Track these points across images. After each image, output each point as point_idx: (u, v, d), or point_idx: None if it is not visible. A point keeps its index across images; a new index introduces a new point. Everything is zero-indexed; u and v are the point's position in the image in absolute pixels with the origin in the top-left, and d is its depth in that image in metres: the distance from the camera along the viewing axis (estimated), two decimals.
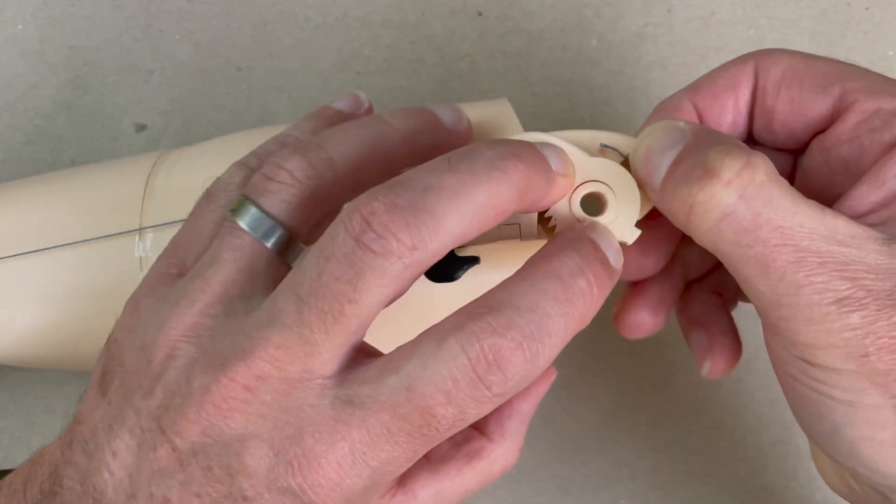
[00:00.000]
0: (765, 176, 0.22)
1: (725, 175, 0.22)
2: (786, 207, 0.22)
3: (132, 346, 0.23)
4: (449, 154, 0.22)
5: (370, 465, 0.21)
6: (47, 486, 0.23)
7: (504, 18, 0.44)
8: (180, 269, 0.25)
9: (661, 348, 0.39)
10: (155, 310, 0.23)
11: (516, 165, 0.22)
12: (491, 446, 0.26)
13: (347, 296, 0.21)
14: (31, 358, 0.33)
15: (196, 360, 0.22)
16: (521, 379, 0.21)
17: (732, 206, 0.22)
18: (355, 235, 0.21)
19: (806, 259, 0.22)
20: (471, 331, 0.20)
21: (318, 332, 0.21)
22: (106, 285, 0.31)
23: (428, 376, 0.20)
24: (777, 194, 0.22)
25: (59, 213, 0.33)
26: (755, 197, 0.22)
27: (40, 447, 0.25)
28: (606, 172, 0.25)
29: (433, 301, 0.30)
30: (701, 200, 0.22)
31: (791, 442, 0.38)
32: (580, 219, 0.25)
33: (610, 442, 0.39)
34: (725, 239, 0.22)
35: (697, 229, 0.23)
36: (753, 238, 0.22)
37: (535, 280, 0.21)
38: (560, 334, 0.21)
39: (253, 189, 0.24)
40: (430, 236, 0.21)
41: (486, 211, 0.22)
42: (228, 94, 0.43)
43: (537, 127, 0.42)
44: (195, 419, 0.21)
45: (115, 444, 0.22)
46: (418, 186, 0.21)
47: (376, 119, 0.26)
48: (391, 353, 0.22)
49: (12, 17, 0.45)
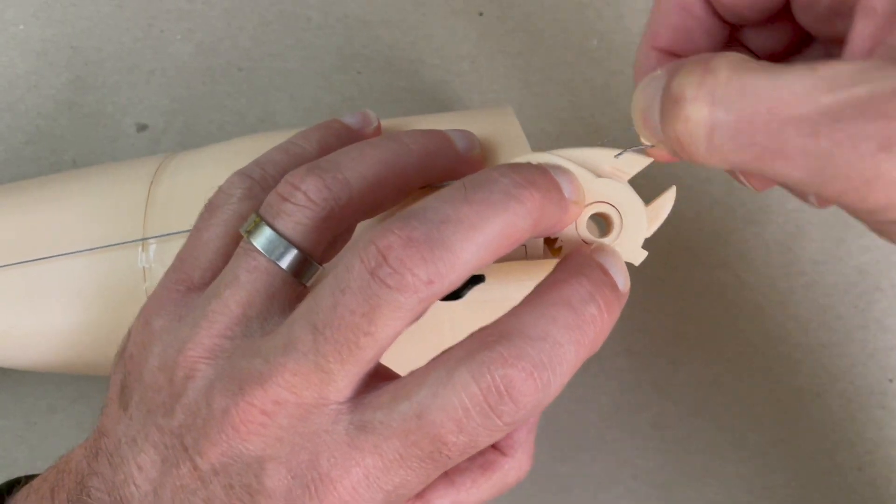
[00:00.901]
0: (728, 71, 0.20)
1: (688, 93, 0.20)
2: (764, 86, 0.19)
3: (150, 363, 0.24)
4: (464, 181, 0.22)
5: (384, 488, 0.21)
6: (75, 496, 0.24)
7: (504, 18, 0.44)
8: (188, 284, 0.25)
9: (661, 348, 0.39)
10: (171, 329, 0.24)
11: (532, 195, 0.22)
12: (504, 459, 0.26)
13: (363, 329, 0.21)
14: (34, 363, 0.33)
15: (214, 382, 0.22)
16: (532, 408, 0.21)
17: (710, 117, 0.20)
18: (371, 269, 0.20)
19: (818, 123, 0.19)
20: (481, 360, 0.20)
21: (333, 363, 0.21)
22: (109, 295, 0.31)
23: (438, 404, 0.20)
24: (750, 81, 0.19)
25: (62, 221, 0.33)
26: (726, 95, 0.19)
27: (41, 447, 0.26)
28: (613, 193, 0.24)
29: (438, 318, 0.30)
30: (681, 128, 0.20)
31: (792, 442, 0.38)
32: (587, 240, 0.25)
33: (610, 442, 0.39)
34: (728, 150, 0.20)
35: (700, 158, 0.21)
36: (752, 135, 0.20)
37: (545, 308, 0.21)
38: (571, 362, 0.21)
39: (268, 210, 0.24)
40: (445, 270, 0.21)
41: (501, 240, 0.21)
42: (229, 94, 0.43)
43: (539, 128, 0.42)
44: (216, 440, 0.22)
45: (139, 458, 0.23)
46: (434, 219, 0.21)
47: (392, 139, 0.26)
48: (403, 378, 0.22)
49: (13, 17, 0.45)
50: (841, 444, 0.39)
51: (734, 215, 0.41)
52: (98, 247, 0.31)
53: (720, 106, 0.20)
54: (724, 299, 0.40)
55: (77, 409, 0.39)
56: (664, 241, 0.40)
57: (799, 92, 0.19)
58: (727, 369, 0.39)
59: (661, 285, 0.40)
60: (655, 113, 0.22)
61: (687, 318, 0.40)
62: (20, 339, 0.32)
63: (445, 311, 0.30)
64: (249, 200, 0.25)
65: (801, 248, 0.40)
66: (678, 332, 0.40)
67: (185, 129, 0.43)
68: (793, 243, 0.40)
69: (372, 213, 0.26)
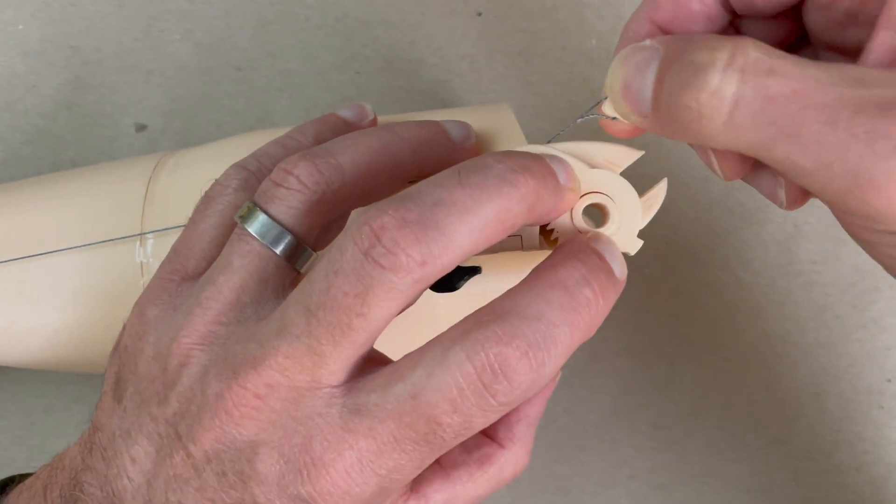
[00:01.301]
0: (757, 52, 0.20)
1: (719, 65, 0.20)
2: (792, 71, 0.20)
3: (144, 353, 0.24)
4: (459, 166, 0.22)
5: (378, 472, 0.21)
6: (67, 492, 0.24)
7: (504, 18, 0.44)
8: (182, 274, 0.25)
9: (661, 348, 0.39)
10: (166, 318, 0.24)
11: (527, 180, 0.22)
12: (501, 452, 0.26)
13: (356, 310, 0.21)
14: (33, 360, 0.33)
15: (209, 368, 0.22)
16: (526, 388, 0.21)
17: (738, 91, 0.20)
18: (364, 250, 0.20)
19: (839, 113, 0.19)
20: (476, 339, 0.20)
21: (326, 344, 0.21)
22: (107, 290, 0.31)
23: (433, 385, 0.20)
24: (778, 63, 0.20)
25: (60, 218, 0.33)
26: (756, 72, 0.20)
27: (40, 447, 0.26)
28: (608, 184, 0.25)
29: (435, 310, 0.30)
30: (705, 99, 0.20)
31: (791, 442, 0.38)
32: (583, 230, 0.25)
33: (610, 442, 0.39)
34: (746, 128, 0.20)
35: (713, 131, 0.21)
36: (772, 114, 0.20)
37: (540, 289, 0.21)
38: (565, 343, 0.21)
39: (262, 195, 0.24)
40: (439, 252, 0.21)
41: (496, 225, 0.21)
42: (228, 93, 0.43)
43: (537, 128, 0.42)
44: (209, 426, 0.22)
45: (133, 450, 0.23)
46: (428, 201, 0.21)
47: (385, 128, 0.26)
48: (398, 361, 0.22)
49: (12, 16, 0.45)
50: (839, 444, 0.39)
51: (733, 215, 0.41)
52: (95, 242, 0.31)
53: (748, 81, 0.20)
54: (724, 299, 0.40)
55: (76, 409, 0.39)
56: (663, 241, 0.40)
57: (825, 81, 0.19)
58: (726, 369, 0.39)
59: (660, 285, 0.40)
60: (644, 81, 0.22)
61: (686, 318, 0.40)
62: (19, 336, 0.32)
63: (442, 302, 0.30)
64: (245, 191, 0.25)
65: (799, 248, 0.41)
66: (678, 332, 0.40)
67: (184, 128, 0.43)
68: (791, 243, 0.41)
69: (365, 200, 0.26)
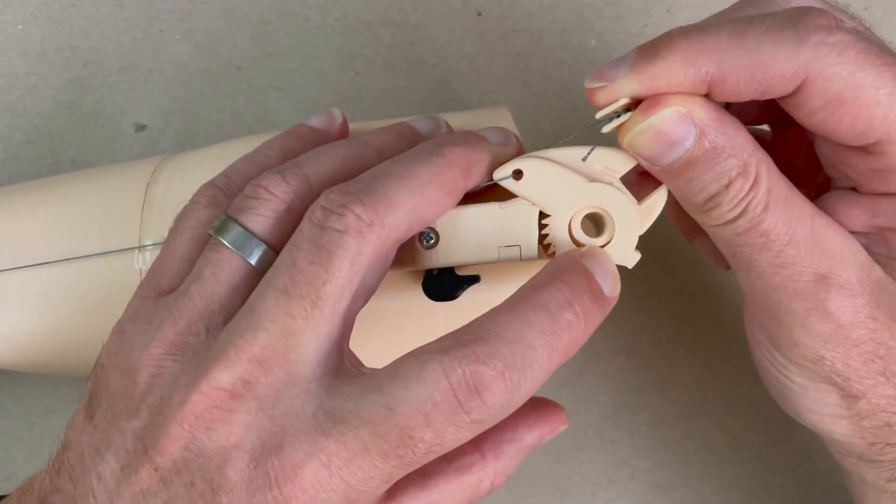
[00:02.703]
0: (766, 190, 0.24)
1: (727, 207, 0.24)
2: (784, 220, 0.24)
3: (117, 369, 0.24)
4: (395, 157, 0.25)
5: (346, 480, 0.21)
6: None
7: (504, 19, 0.44)
8: (158, 291, 0.25)
9: (661, 348, 0.39)
10: (139, 333, 0.24)
11: (452, 148, 0.24)
12: (482, 462, 0.25)
13: (321, 277, 0.22)
14: (33, 364, 0.33)
15: (179, 377, 0.22)
16: (500, 407, 0.21)
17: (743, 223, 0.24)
18: (319, 223, 0.22)
19: (786, 265, 0.24)
20: (454, 356, 0.21)
21: (298, 318, 0.22)
22: (106, 296, 0.31)
23: (408, 397, 0.21)
24: (772, 204, 0.24)
25: (58, 225, 0.33)
26: (757, 208, 0.24)
27: (40, 447, 0.26)
28: (605, 198, 0.25)
29: (434, 319, 0.30)
30: (715, 216, 0.24)
31: (791, 442, 0.38)
32: (580, 242, 0.25)
33: (609, 442, 0.39)
34: (722, 235, 0.25)
35: (708, 221, 0.25)
36: (744, 239, 0.24)
37: (522, 311, 0.22)
38: (544, 366, 0.21)
39: (234, 209, 0.25)
40: (384, 211, 0.22)
41: (434, 187, 0.24)
42: (228, 94, 0.43)
43: (537, 128, 0.42)
44: (176, 434, 0.21)
45: (100, 467, 0.22)
46: (367, 178, 0.24)
47: (352, 140, 0.28)
48: (377, 370, 0.22)
49: (12, 17, 0.45)
50: None
51: None
52: (95, 253, 0.31)
53: (745, 216, 0.24)
54: (724, 299, 0.40)
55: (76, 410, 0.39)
56: (663, 241, 0.40)
57: (797, 237, 0.24)
58: (726, 369, 0.39)
59: (660, 285, 0.40)
60: (675, 154, 0.24)
61: (686, 318, 0.40)
62: (20, 342, 0.32)
63: (441, 311, 0.30)
64: (214, 207, 0.26)
65: None
66: (678, 332, 0.40)
67: (184, 129, 0.43)
68: None
69: None
